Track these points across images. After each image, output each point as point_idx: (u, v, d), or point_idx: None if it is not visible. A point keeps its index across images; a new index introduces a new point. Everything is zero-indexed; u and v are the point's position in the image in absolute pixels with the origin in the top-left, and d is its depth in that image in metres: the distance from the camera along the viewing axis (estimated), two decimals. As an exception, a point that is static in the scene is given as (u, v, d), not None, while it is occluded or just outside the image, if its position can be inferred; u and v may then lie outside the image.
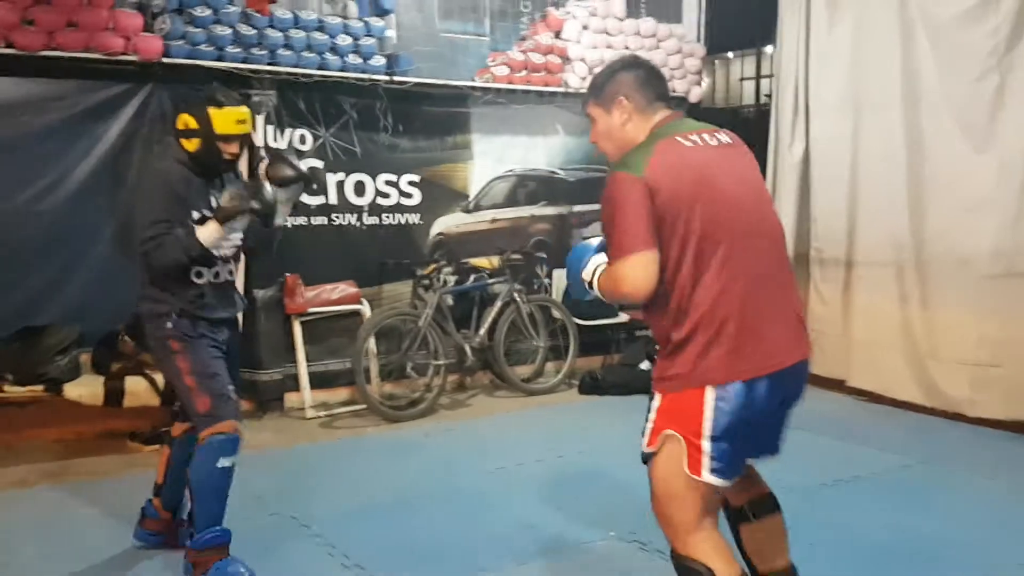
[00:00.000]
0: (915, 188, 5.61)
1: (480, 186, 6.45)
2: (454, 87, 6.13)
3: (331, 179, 5.79)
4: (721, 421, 2.20)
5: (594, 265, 2.41)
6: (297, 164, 3.45)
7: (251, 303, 5.45)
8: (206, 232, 3.11)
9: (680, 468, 2.23)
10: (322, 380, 5.76)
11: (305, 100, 5.57)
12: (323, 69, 5.55)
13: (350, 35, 5.70)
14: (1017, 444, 4.94)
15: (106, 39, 4.86)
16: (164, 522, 3.49)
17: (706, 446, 2.21)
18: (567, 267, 2.54)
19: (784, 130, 6.44)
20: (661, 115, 2.42)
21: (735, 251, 2.23)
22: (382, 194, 6.02)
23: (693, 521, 2.26)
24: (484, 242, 6.40)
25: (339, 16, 5.81)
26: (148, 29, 5.06)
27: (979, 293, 5.25)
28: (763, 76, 7.23)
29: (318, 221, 5.74)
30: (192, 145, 3.18)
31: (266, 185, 3.26)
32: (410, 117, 6.05)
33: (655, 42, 6.88)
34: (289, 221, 5.31)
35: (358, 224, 5.93)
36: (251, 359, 5.48)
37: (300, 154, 5.63)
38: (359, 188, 5.93)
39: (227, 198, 3.13)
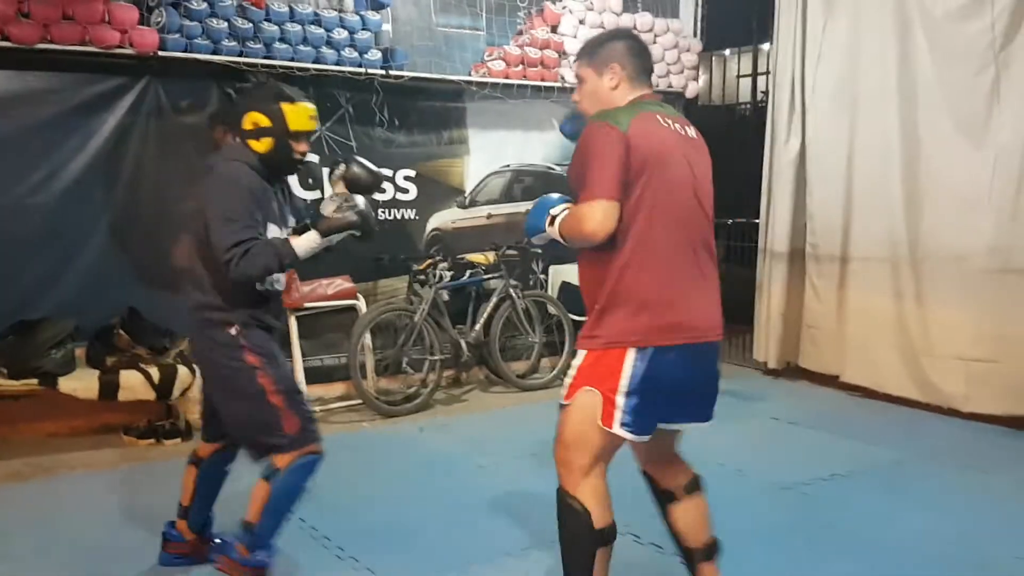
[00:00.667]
0: (911, 184, 5.62)
1: (476, 181, 6.44)
2: (450, 82, 6.12)
3: (326, 173, 5.76)
4: (636, 380, 2.41)
5: (559, 208, 2.59)
6: (373, 167, 3.24)
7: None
8: (304, 242, 2.90)
9: (593, 419, 2.45)
10: (318, 375, 5.76)
11: (301, 94, 5.55)
12: (319, 63, 5.54)
13: (346, 29, 5.69)
14: (1012, 439, 4.97)
15: (102, 32, 4.85)
16: (191, 544, 3.29)
17: (620, 401, 2.42)
18: (531, 212, 2.68)
19: (780, 126, 6.45)
20: (644, 91, 2.60)
21: (677, 230, 2.45)
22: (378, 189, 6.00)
23: (588, 466, 2.49)
24: (480, 237, 6.40)
25: (335, 10, 5.80)
26: (144, 22, 5.04)
27: (975, 289, 5.27)
28: (760, 73, 7.22)
29: (314, 216, 5.72)
30: (263, 145, 2.94)
31: (359, 198, 3.05)
32: (406, 112, 6.04)
33: (651, 37, 6.88)
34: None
35: (354, 219, 5.90)
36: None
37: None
38: (355, 183, 5.91)
39: (333, 209, 2.94)
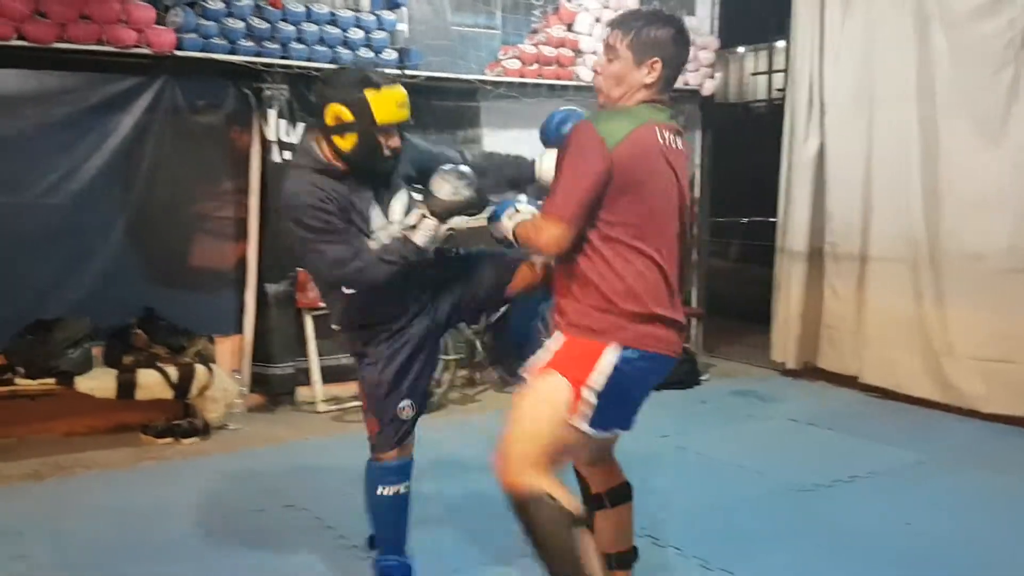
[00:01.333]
0: (930, 183, 5.57)
1: (491, 181, 6.42)
2: (465, 81, 6.11)
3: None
4: (610, 379, 2.32)
5: (521, 213, 2.56)
6: (472, 179, 2.75)
7: (263, 297, 5.47)
8: (422, 233, 2.65)
9: (557, 407, 2.32)
10: (333, 374, 5.75)
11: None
12: (335, 63, 5.54)
13: (362, 28, 5.68)
14: (1032, 441, 4.92)
15: (118, 32, 4.86)
16: None
17: (587, 395, 2.31)
18: (499, 203, 2.67)
19: (798, 125, 6.41)
20: (659, 96, 2.44)
21: (662, 246, 2.38)
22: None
23: (544, 460, 2.34)
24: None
25: (351, 9, 5.79)
26: (160, 22, 5.04)
27: (993, 289, 5.22)
28: (775, 71, 7.18)
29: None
30: (347, 143, 2.61)
31: (467, 168, 2.75)
32: (421, 111, 5.92)
33: (668, 35, 6.84)
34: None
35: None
36: (263, 353, 5.50)
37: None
38: (370, 182, 5.91)
39: (447, 189, 2.65)
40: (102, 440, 4.87)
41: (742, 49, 7.63)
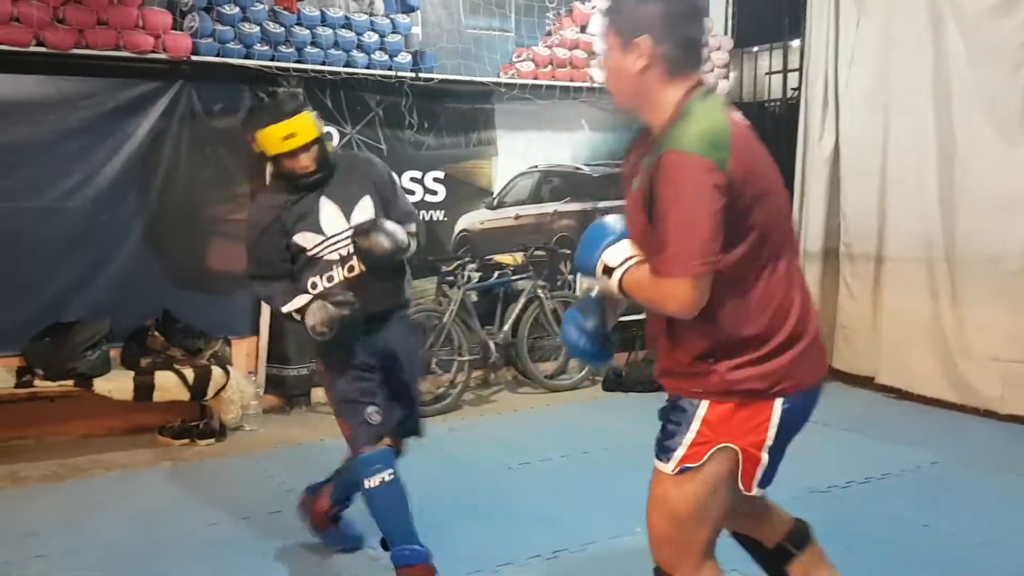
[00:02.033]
0: (946, 184, 5.54)
1: (504, 182, 6.44)
2: (479, 83, 6.13)
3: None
4: (782, 430, 1.97)
5: (619, 257, 1.99)
6: (395, 233, 3.02)
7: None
8: (295, 306, 3.02)
9: (728, 486, 1.97)
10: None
11: (332, 97, 5.58)
12: (349, 66, 5.57)
13: (376, 32, 5.71)
14: (1050, 443, 4.88)
15: (135, 37, 4.91)
16: (318, 508, 3.43)
17: (764, 457, 1.96)
18: (583, 242, 2.10)
19: (813, 125, 6.38)
20: (696, 79, 2.01)
21: (791, 253, 2.01)
22: (407, 191, 6.01)
23: (710, 546, 2.04)
24: (508, 238, 6.39)
25: (366, 13, 5.83)
26: (177, 27, 5.10)
27: (1010, 290, 5.18)
28: (790, 70, 7.15)
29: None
30: (271, 167, 3.12)
31: (347, 294, 2.99)
32: (435, 114, 6.05)
33: (681, 36, 6.83)
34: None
35: (383, 221, 5.94)
36: (279, 355, 5.53)
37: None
38: (384, 185, 5.94)
39: (313, 322, 2.97)
40: (119, 441, 4.91)
41: (756, 48, 7.58)
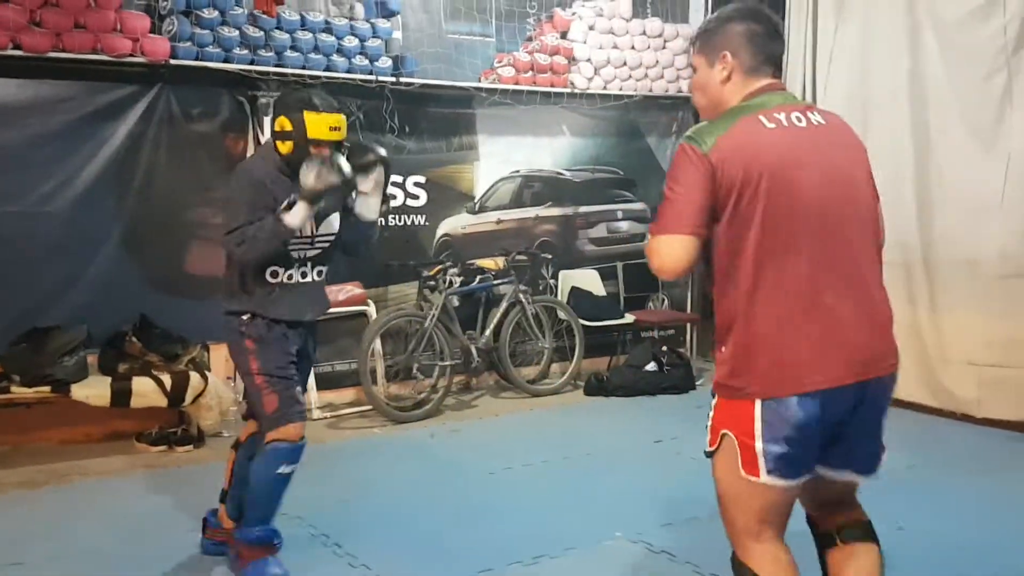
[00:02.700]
0: (923, 188, 5.59)
1: (485, 187, 6.45)
2: (460, 88, 6.14)
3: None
4: (771, 428, 2.06)
5: None
6: (375, 148, 3.39)
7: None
8: (293, 215, 3.03)
9: (736, 468, 2.11)
10: (328, 381, 5.77)
11: (311, 101, 5.56)
12: (330, 71, 5.56)
13: (356, 36, 5.71)
14: (1025, 445, 4.93)
15: (113, 41, 4.88)
16: (227, 532, 3.38)
17: (759, 447, 2.08)
18: None
19: (791, 130, 6.41)
20: (763, 82, 2.20)
21: (805, 252, 2.05)
22: (388, 195, 6.01)
23: (752, 526, 2.15)
24: (489, 243, 6.40)
25: (346, 17, 5.82)
26: (155, 31, 5.07)
27: (988, 294, 5.23)
28: (769, 76, 7.22)
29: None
30: (285, 148, 3.16)
31: (342, 159, 3.17)
32: (416, 118, 6.05)
33: (661, 42, 6.88)
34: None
35: (364, 225, 5.93)
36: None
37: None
38: (365, 189, 5.93)
39: (312, 177, 3.03)
40: (97, 448, 4.87)
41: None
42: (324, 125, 3.14)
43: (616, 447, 4.87)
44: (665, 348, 6.59)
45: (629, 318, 6.71)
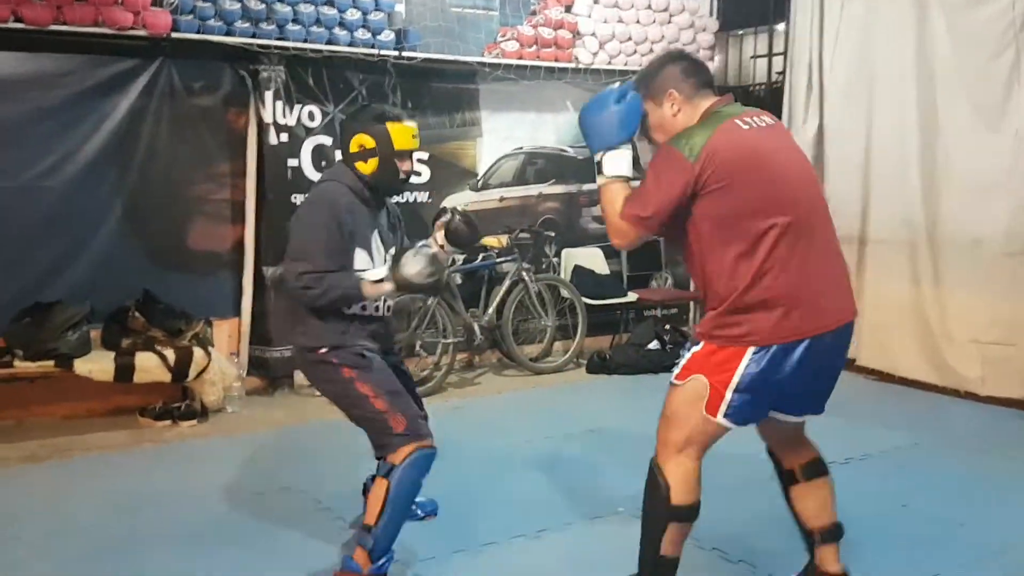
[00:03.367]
0: (929, 167, 5.56)
1: (489, 164, 6.41)
2: (463, 63, 6.08)
3: (339, 156, 5.75)
4: (748, 378, 2.44)
5: (618, 170, 2.54)
6: (474, 222, 3.23)
7: (261, 280, 5.46)
8: (374, 289, 2.92)
9: (698, 405, 2.50)
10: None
11: (314, 76, 5.52)
12: (332, 44, 5.51)
13: (359, 10, 5.65)
14: (1028, 424, 4.93)
15: (115, 14, 4.84)
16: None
17: (728, 395, 2.47)
18: (603, 105, 2.56)
19: (797, 108, 6.38)
20: (710, 101, 2.56)
21: (794, 225, 2.42)
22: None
23: (681, 443, 2.54)
24: (492, 220, 6.37)
25: (348, -10, 5.76)
26: (157, 4, 5.02)
27: (992, 272, 5.22)
28: (775, 54, 7.14)
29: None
30: (370, 166, 3.02)
31: (440, 255, 3.09)
32: (419, 93, 6.01)
33: (667, 16, 6.81)
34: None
35: (367, 201, 5.91)
36: (261, 337, 5.50)
37: (308, 131, 5.59)
38: (368, 165, 5.90)
39: (416, 270, 2.91)
40: (100, 423, 4.88)
41: (742, 32, 7.57)
42: (408, 134, 3.05)
43: (618, 425, 4.87)
44: (668, 326, 6.57)
45: (632, 296, 6.70)
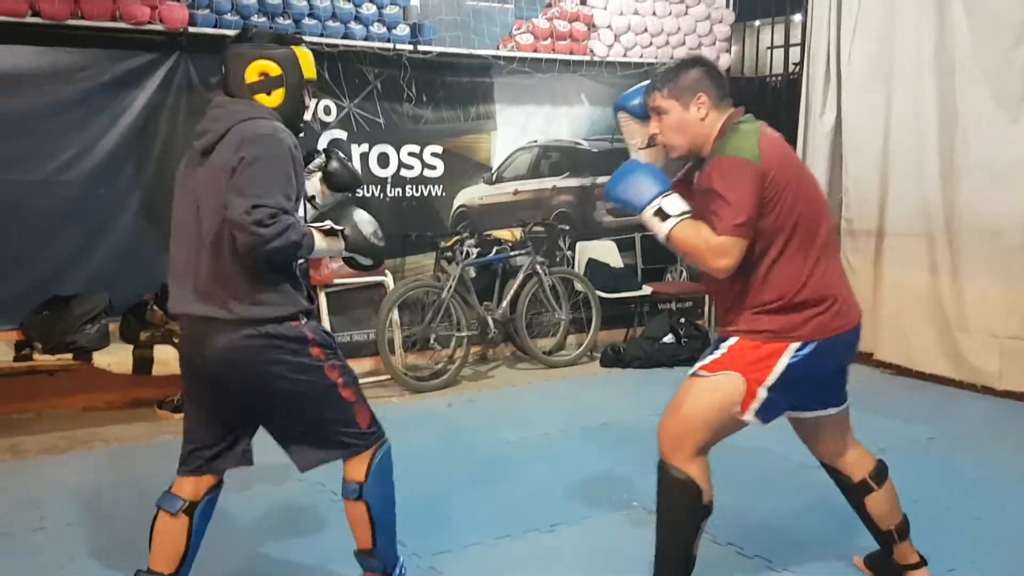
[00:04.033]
0: (947, 158, 5.52)
1: (503, 157, 6.41)
2: (478, 56, 6.08)
3: (355, 151, 5.78)
4: (785, 375, 2.46)
5: (675, 207, 2.45)
6: (354, 167, 2.91)
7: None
8: (324, 245, 2.50)
9: (729, 404, 2.49)
10: (346, 351, 5.60)
11: (329, 70, 5.54)
12: (347, 38, 5.52)
13: (374, 4, 5.65)
14: (1046, 418, 4.89)
15: (132, 8, 4.86)
16: None
17: (761, 393, 2.48)
18: (625, 177, 2.54)
19: (815, 99, 6.34)
20: (732, 110, 2.57)
21: (826, 229, 2.55)
22: (405, 166, 6.01)
23: (703, 442, 2.52)
24: (506, 214, 6.37)
25: (363, -16, 5.76)
26: (173, -2, 5.05)
27: (1010, 264, 5.18)
28: (791, 45, 7.10)
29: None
30: (275, 99, 2.44)
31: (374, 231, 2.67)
32: (433, 87, 6.01)
33: (683, 8, 6.77)
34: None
35: (381, 196, 5.93)
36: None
37: (324, 125, 5.61)
38: (383, 160, 5.92)
39: (372, 229, 2.63)
40: (119, 415, 4.93)
41: (758, 22, 7.52)
42: (311, 61, 2.52)
43: (633, 418, 4.87)
44: (683, 320, 6.56)
45: (646, 290, 6.68)
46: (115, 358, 4.70)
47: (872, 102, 5.95)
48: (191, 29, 5.04)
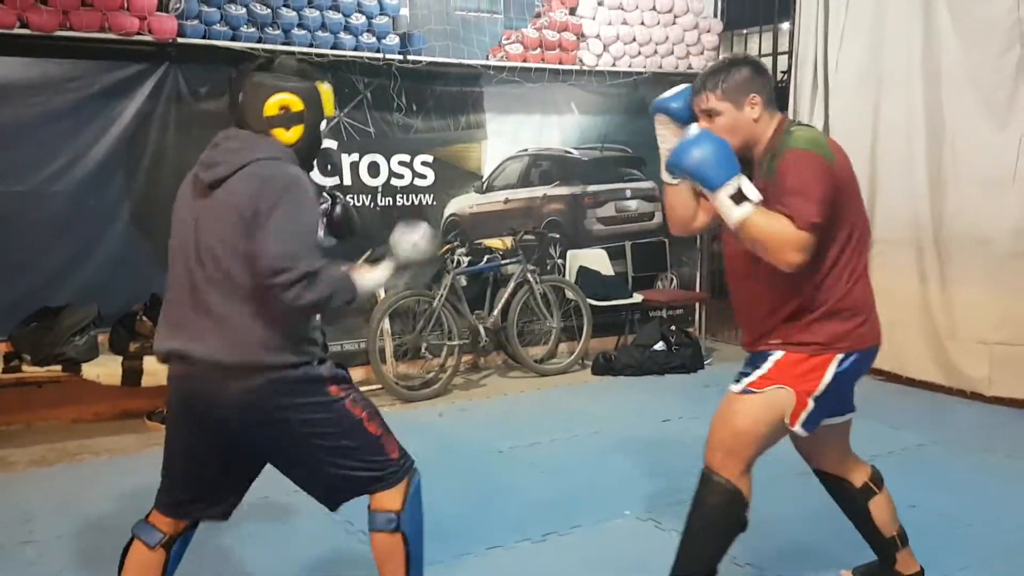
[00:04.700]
0: (935, 165, 5.55)
1: (493, 166, 6.42)
2: (468, 66, 6.10)
3: (345, 160, 5.79)
4: (832, 386, 2.48)
5: (753, 192, 2.33)
6: (357, 219, 2.76)
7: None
8: (370, 278, 2.42)
9: (779, 417, 2.48)
10: (337, 360, 5.72)
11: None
12: (337, 48, 5.53)
13: (364, 14, 5.67)
14: (1036, 424, 4.91)
15: (121, 19, 4.86)
16: None
17: (810, 404, 2.48)
18: (701, 145, 2.37)
19: (803, 107, 6.37)
20: (781, 114, 2.54)
21: (868, 240, 2.57)
22: (396, 175, 6.01)
23: (753, 457, 2.53)
24: (497, 222, 6.38)
25: (352, -6, 5.78)
26: (162, 8, 5.05)
27: (999, 272, 5.20)
28: (780, 53, 7.14)
29: (332, 201, 5.74)
30: (293, 136, 2.32)
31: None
32: (423, 97, 6.02)
33: (671, 18, 6.81)
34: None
35: (371, 205, 5.93)
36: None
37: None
38: (373, 169, 5.92)
39: (410, 245, 2.46)
40: (108, 426, 4.91)
41: (746, 31, 7.56)
42: (331, 97, 2.44)
43: (624, 426, 4.88)
44: (673, 327, 6.57)
45: (637, 297, 6.69)
46: (104, 369, 4.68)
47: (860, 110, 5.99)
48: (180, 40, 5.04)
